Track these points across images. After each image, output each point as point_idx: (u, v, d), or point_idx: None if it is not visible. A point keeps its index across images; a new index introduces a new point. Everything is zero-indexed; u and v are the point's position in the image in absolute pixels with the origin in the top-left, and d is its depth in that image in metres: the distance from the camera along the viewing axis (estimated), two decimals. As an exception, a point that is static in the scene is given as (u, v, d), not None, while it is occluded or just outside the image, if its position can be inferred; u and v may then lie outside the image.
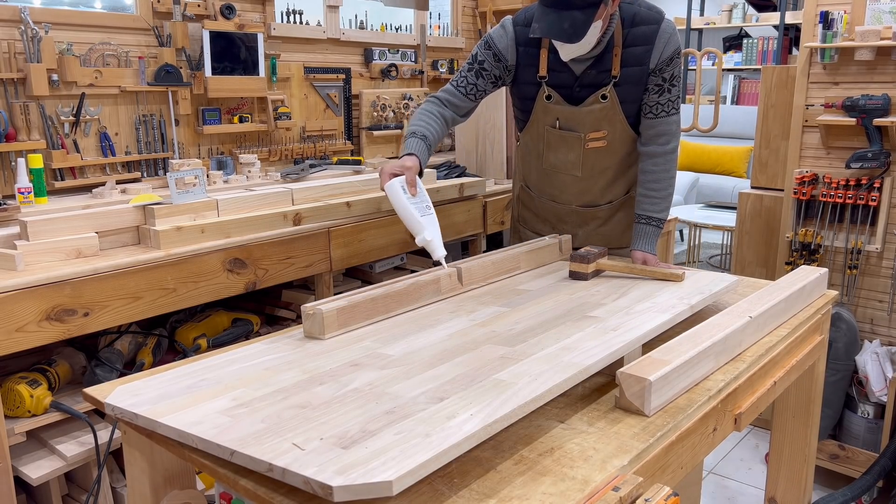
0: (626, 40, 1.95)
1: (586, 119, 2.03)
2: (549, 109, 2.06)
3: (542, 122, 2.09)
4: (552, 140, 2.11)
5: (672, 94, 2.01)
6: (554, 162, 2.14)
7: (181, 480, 1.36)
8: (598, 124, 2.04)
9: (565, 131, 2.07)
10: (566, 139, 2.08)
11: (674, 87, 2.01)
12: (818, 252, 2.85)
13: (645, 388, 1.17)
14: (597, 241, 2.23)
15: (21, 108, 2.29)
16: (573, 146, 2.08)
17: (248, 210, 2.21)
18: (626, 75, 1.97)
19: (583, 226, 2.25)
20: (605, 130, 2.04)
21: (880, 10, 2.65)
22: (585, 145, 2.06)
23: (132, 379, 1.29)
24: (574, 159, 2.10)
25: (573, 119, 2.04)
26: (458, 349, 1.32)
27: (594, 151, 2.08)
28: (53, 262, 1.83)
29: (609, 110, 2.01)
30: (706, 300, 1.63)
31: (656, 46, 1.94)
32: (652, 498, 1.01)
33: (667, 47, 1.95)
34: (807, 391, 1.87)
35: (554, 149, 2.12)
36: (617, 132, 2.05)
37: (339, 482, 0.86)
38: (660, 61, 1.96)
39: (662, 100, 2.01)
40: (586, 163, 2.10)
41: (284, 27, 3.03)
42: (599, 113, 2.02)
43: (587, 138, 2.05)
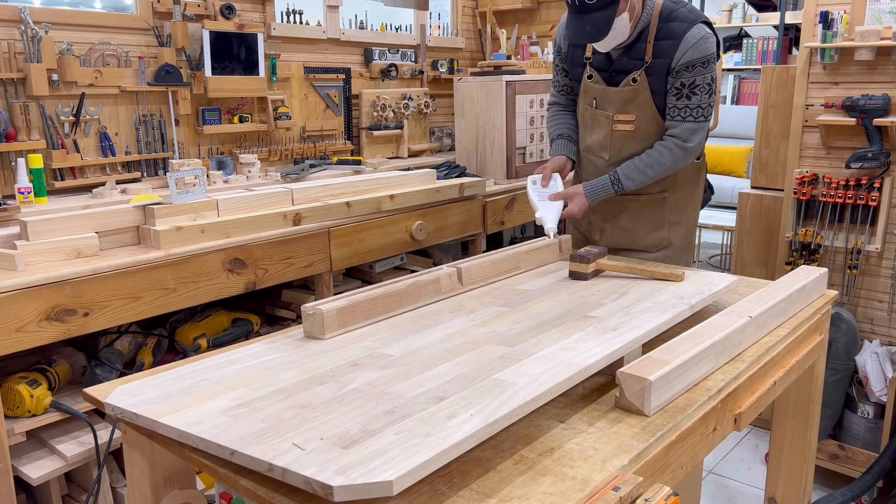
0: (659, 33, 2.03)
1: (616, 99, 2.12)
2: (589, 89, 2.18)
3: (584, 101, 2.22)
4: (588, 120, 2.23)
5: (692, 101, 2.04)
6: (589, 143, 2.25)
7: (181, 480, 1.36)
8: (627, 107, 2.12)
9: (598, 111, 2.18)
10: (598, 119, 2.19)
11: (694, 94, 2.03)
12: (818, 252, 2.85)
13: (645, 388, 1.16)
14: (622, 239, 2.25)
15: (21, 108, 2.29)
16: (603, 126, 2.18)
17: (248, 210, 2.21)
18: (655, 66, 2.05)
19: (610, 219, 2.28)
20: (633, 114, 2.12)
21: (880, 10, 2.65)
22: (613, 126, 2.15)
23: (132, 379, 1.29)
24: (602, 140, 2.19)
25: (605, 99, 2.15)
26: (458, 349, 1.32)
27: (621, 135, 2.15)
28: (53, 262, 1.83)
29: (638, 94, 2.09)
30: (706, 300, 1.63)
31: (681, 46, 2.00)
32: (652, 498, 1.01)
33: (690, 51, 1.99)
34: (806, 391, 1.87)
35: (589, 129, 2.23)
36: (645, 119, 2.11)
37: (340, 482, 0.86)
38: (679, 63, 2.01)
39: (680, 104, 2.05)
40: (613, 145, 2.17)
41: (284, 27, 3.03)
42: (629, 95, 2.10)
43: (615, 119, 2.14)
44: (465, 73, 3.81)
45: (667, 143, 2.09)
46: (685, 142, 2.07)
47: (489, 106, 3.15)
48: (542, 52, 3.65)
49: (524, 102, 3.18)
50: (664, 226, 2.25)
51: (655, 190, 2.21)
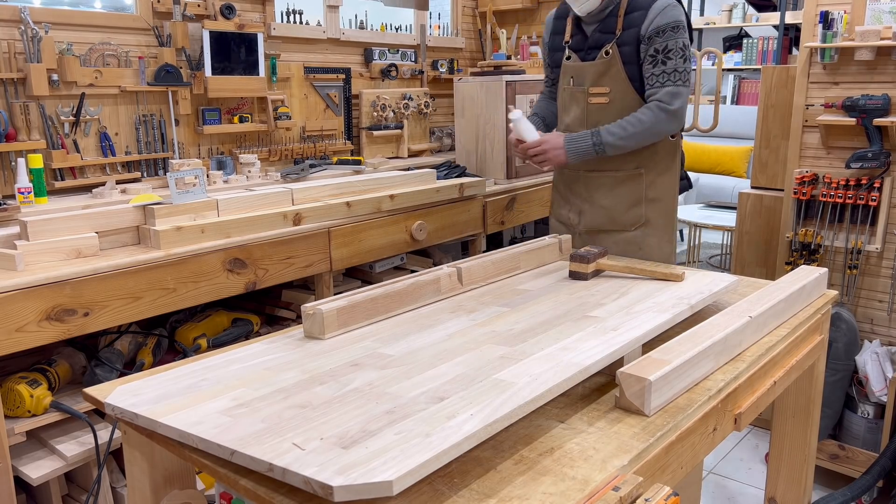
0: (629, 7, 2.13)
1: (590, 72, 2.20)
2: (567, 69, 2.27)
3: (562, 83, 2.31)
4: (566, 100, 2.30)
5: (668, 66, 2.11)
6: (567, 122, 2.31)
7: (181, 480, 1.36)
8: (601, 79, 2.19)
9: (575, 88, 2.25)
10: (574, 95, 2.26)
11: (669, 59, 2.11)
12: (818, 252, 2.85)
13: (645, 388, 1.16)
14: (599, 217, 2.31)
15: (21, 108, 2.29)
16: (579, 101, 2.25)
17: (248, 210, 2.21)
18: (626, 36, 2.14)
19: (588, 199, 2.33)
20: (607, 86, 2.19)
21: (880, 10, 2.65)
22: (588, 100, 2.22)
23: (132, 379, 1.29)
24: (580, 115, 2.25)
25: (580, 74, 2.23)
26: (458, 349, 1.32)
27: (597, 108, 2.21)
28: (53, 262, 1.83)
29: (611, 66, 2.17)
30: (706, 300, 1.63)
31: (649, 14, 2.10)
32: (652, 498, 1.01)
33: (658, 17, 2.09)
34: (807, 391, 1.87)
35: (567, 108, 2.31)
36: (619, 90, 2.18)
37: (340, 482, 0.86)
38: (650, 30, 2.10)
39: (657, 70, 2.13)
40: (589, 119, 2.23)
41: (284, 27, 3.03)
42: (602, 67, 2.18)
43: (590, 92, 2.21)
44: (465, 73, 3.81)
45: (649, 105, 2.14)
46: (667, 104, 2.12)
47: (489, 106, 3.15)
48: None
49: (524, 102, 3.18)
50: (641, 202, 2.28)
51: (631, 166, 2.25)
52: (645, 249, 2.28)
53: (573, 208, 2.39)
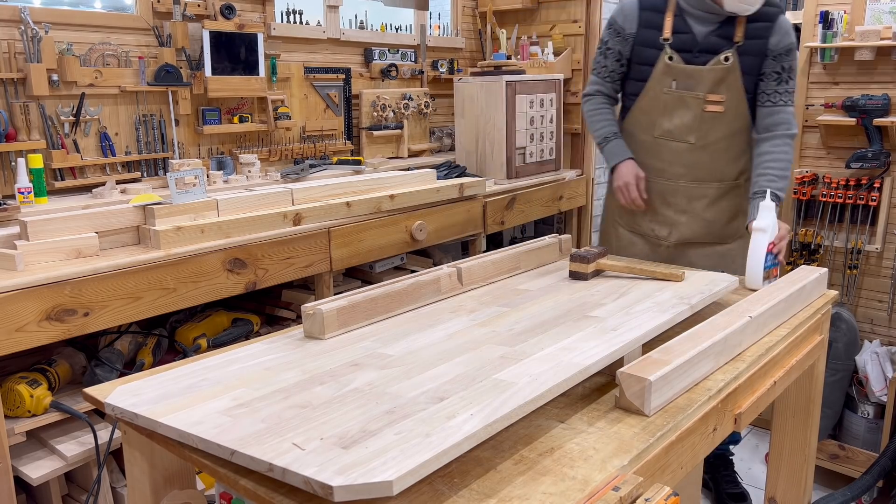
0: (751, 15, 2.06)
1: (707, 78, 2.10)
2: (670, 70, 2.14)
3: (661, 84, 2.17)
4: (669, 103, 2.17)
5: (790, 85, 2.11)
6: (668, 128, 2.19)
7: (181, 480, 1.36)
8: (718, 87, 2.11)
9: (684, 91, 2.14)
10: (685, 100, 2.14)
11: (791, 79, 2.11)
12: (818, 252, 2.85)
13: (645, 388, 1.16)
14: (699, 229, 2.23)
15: (21, 108, 2.29)
16: (691, 107, 2.14)
17: (248, 210, 2.21)
18: (748, 46, 2.08)
19: (687, 210, 2.24)
20: (723, 95, 2.12)
21: (880, 10, 2.65)
22: (704, 107, 2.13)
23: (132, 379, 1.29)
24: (690, 122, 2.15)
25: (693, 79, 2.12)
26: (458, 349, 1.32)
27: (711, 117, 2.13)
28: (53, 262, 1.83)
29: (730, 74, 2.10)
30: (706, 300, 1.63)
31: (777, 29, 2.07)
32: (652, 498, 1.01)
33: (786, 36, 2.08)
34: (807, 391, 1.87)
35: (670, 113, 2.17)
36: (734, 100, 2.12)
37: (340, 482, 0.86)
38: (779, 46, 2.07)
39: (781, 89, 2.10)
40: (702, 128, 2.15)
41: (284, 27, 3.03)
42: (721, 73, 2.10)
43: (706, 99, 2.12)
44: (465, 73, 3.80)
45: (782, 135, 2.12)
46: (792, 128, 2.12)
47: (489, 106, 3.15)
48: (542, 52, 3.65)
49: (524, 102, 3.18)
50: (739, 214, 2.24)
51: (731, 175, 2.20)
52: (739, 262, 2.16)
53: (664, 220, 2.29)
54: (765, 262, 1.85)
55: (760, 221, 1.88)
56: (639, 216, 2.33)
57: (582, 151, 3.72)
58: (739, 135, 2.16)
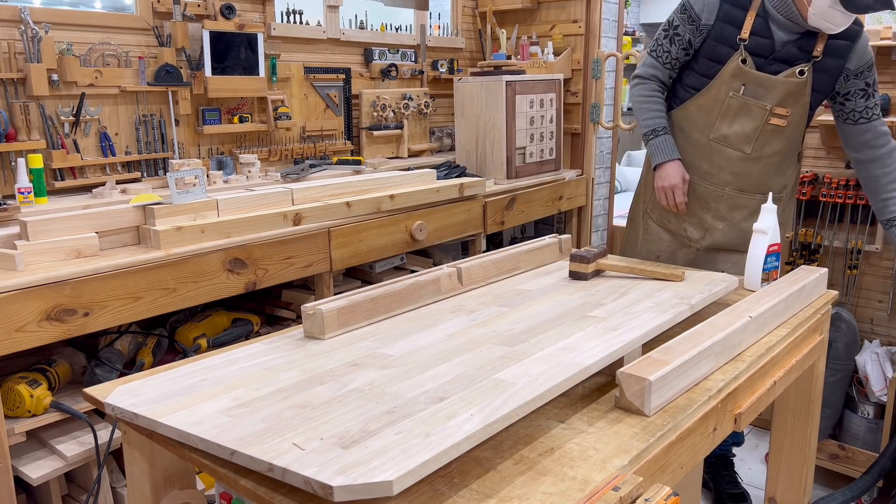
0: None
1: (778, 89, 2.03)
2: (740, 74, 2.04)
3: (728, 86, 2.07)
4: (732, 107, 2.08)
5: (875, 98, 2.09)
6: (726, 133, 2.11)
7: (181, 480, 1.36)
8: (786, 100, 2.05)
9: (751, 99, 2.06)
10: (749, 108, 2.07)
11: (876, 92, 2.09)
12: (818, 252, 2.85)
13: (645, 388, 1.17)
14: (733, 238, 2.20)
15: (21, 108, 2.29)
16: (755, 116, 2.07)
17: (248, 210, 2.21)
18: (824, 63, 2.03)
19: (727, 218, 2.21)
20: (790, 109, 2.06)
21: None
22: (768, 119, 2.06)
23: (132, 379, 1.29)
24: (750, 132, 2.08)
25: (764, 87, 2.04)
26: (458, 349, 1.32)
27: (771, 130, 2.08)
28: (53, 262, 1.83)
29: (801, 89, 2.04)
30: (706, 300, 1.63)
31: (858, 47, 2.02)
32: (652, 498, 1.01)
33: (867, 52, 2.06)
34: (807, 391, 1.87)
35: (731, 118, 2.09)
36: (797, 115, 2.08)
37: (340, 482, 0.86)
38: (861, 64, 2.04)
39: (870, 104, 2.08)
40: (760, 139, 2.09)
41: (284, 27, 3.03)
42: (793, 87, 2.03)
43: (772, 111, 2.05)
44: (465, 73, 3.80)
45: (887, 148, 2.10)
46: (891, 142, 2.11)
47: (489, 106, 3.15)
48: (542, 52, 3.65)
49: (524, 102, 3.18)
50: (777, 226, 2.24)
51: (776, 188, 2.17)
52: None
53: (699, 223, 2.26)
54: (764, 263, 1.85)
55: (761, 223, 1.88)
56: (669, 214, 2.29)
57: (582, 151, 3.72)
58: (793, 150, 2.15)
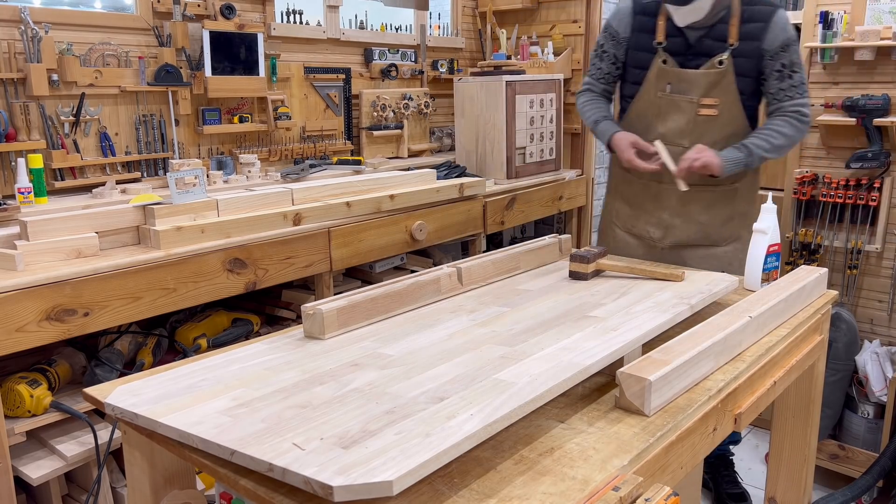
0: (745, 15, 2.05)
1: (700, 82, 2.09)
2: (663, 74, 2.14)
3: (655, 88, 2.16)
4: (663, 106, 2.16)
5: (794, 79, 2.08)
6: (662, 131, 2.18)
7: (181, 480, 1.36)
8: (712, 90, 2.10)
9: (677, 95, 2.13)
10: (678, 104, 2.13)
11: (795, 73, 2.08)
12: (818, 252, 2.85)
13: (645, 388, 1.17)
14: (693, 233, 2.23)
15: (21, 108, 2.29)
16: (685, 111, 2.13)
17: (248, 210, 2.21)
18: (742, 48, 2.06)
19: (682, 213, 2.24)
20: (717, 98, 2.10)
21: (880, 10, 2.65)
22: (697, 111, 2.11)
23: (132, 379, 1.29)
24: (684, 126, 2.14)
25: (687, 82, 2.11)
26: (458, 349, 1.32)
27: (704, 120, 2.12)
28: (53, 262, 1.83)
29: (724, 77, 2.08)
30: (706, 300, 1.63)
31: (772, 27, 2.03)
32: (652, 498, 1.01)
33: (782, 32, 2.05)
34: (807, 391, 1.87)
35: (664, 116, 2.17)
36: (728, 102, 2.10)
37: (340, 482, 0.86)
38: (775, 45, 2.04)
39: (785, 85, 2.08)
40: (696, 131, 2.14)
41: (284, 27, 3.03)
42: (714, 77, 2.08)
43: (699, 103, 2.11)
44: (465, 73, 3.80)
45: (787, 116, 2.09)
46: (804, 116, 2.09)
47: (489, 106, 3.15)
48: (542, 52, 3.65)
49: (524, 102, 3.18)
50: (735, 217, 2.24)
51: (728, 180, 2.19)
52: (735, 265, 2.20)
53: (658, 223, 2.29)
54: (764, 263, 1.85)
55: (761, 223, 1.88)
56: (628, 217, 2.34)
57: (582, 151, 3.72)
58: (734, 138, 2.15)
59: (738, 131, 2.15)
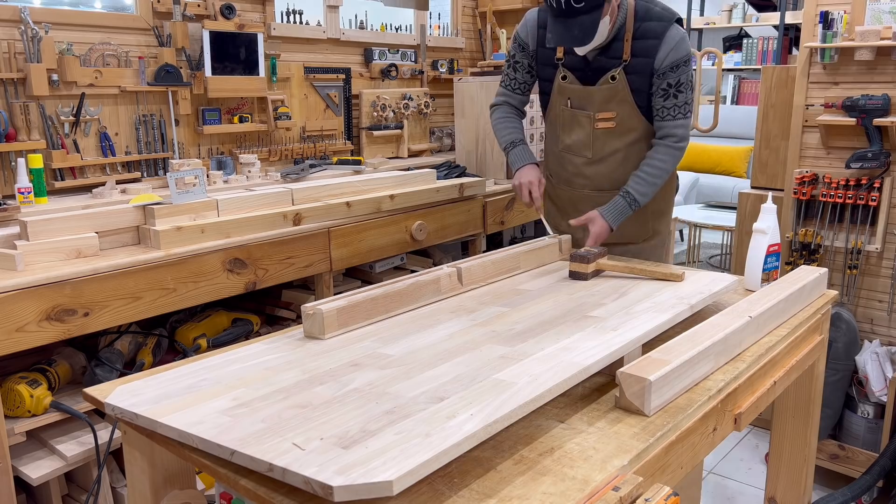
0: (637, 32, 2.04)
1: (596, 98, 2.12)
2: (564, 89, 2.16)
3: (559, 102, 2.19)
4: (566, 120, 2.20)
5: (679, 99, 2.07)
6: (568, 143, 2.22)
7: (181, 480, 1.36)
8: (607, 104, 2.11)
9: (577, 110, 2.16)
10: (578, 118, 2.17)
11: (680, 93, 2.06)
12: (818, 252, 2.85)
13: (645, 388, 1.16)
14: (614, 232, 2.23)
15: (21, 108, 2.29)
16: (584, 125, 2.17)
17: (248, 210, 2.21)
18: (635, 64, 2.05)
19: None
20: (614, 111, 2.12)
21: (880, 10, 2.65)
22: (595, 125, 2.14)
23: (132, 379, 1.29)
24: (585, 139, 2.18)
25: (584, 98, 2.13)
26: (458, 349, 1.32)
27: (604, 133, 2.15)
28: (53, 262, 1.83)
29: (618, 92, 2.09)
30: (706, 300, 1.63)
31: (664, 45, 2.02)
32: (652, 498, 1.01)
33: (673, 51, 2.02)
34: (807, 391, 1.87)
35: (568, 129, 2.21)
36: (625, 114, 2.12)
37: (340, 482, 0.86)
38: (664, 64, 2.03)
39: (668, 104, 2.08)
40: (596, 143, 2.17)
41: (284, 27, 3.03)
42: (608, 93, 2.10)
43: (596, 118, 2.13)
44: (465, 73, 3.80)
45: (665, 145, 2.10)
46: (680, 141, 2.10)
47: (489, 106, 3.15)
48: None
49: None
50: (649, 217, 2.27)
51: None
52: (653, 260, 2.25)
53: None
54: (764, 263, 1.85)
55: (760, 223, 1.88)
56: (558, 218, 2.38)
57: (582, 151, 3.71)
58: (636, 144, 2.17)
59: (639, 138, 2.16)
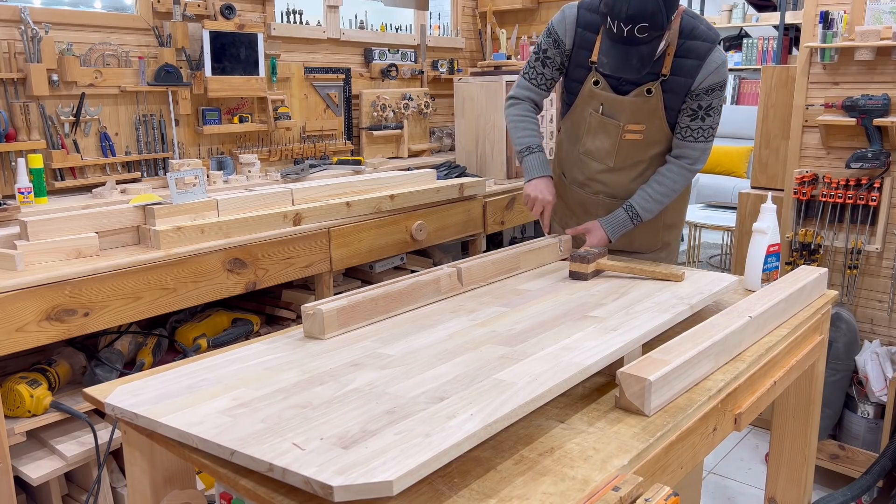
0: (680, 49, 1.98)
1: (628, 109, 2.07)
2: (595, 94, 2.10)
3: (587, 105, 2.13)
4: (592, 125, 2.15)
5: (706, 122, 2.04)
6: (590, 148, 2.18)
7: (181, 480, 1.36)
8: (638, 117, 2.07)
9: (606, 118, 2.11)
10: (605, 126, 2.12)
11: (709, 116, 2.03)
12: (818, 252, 2.85)
13: (645, 388, 1.16)
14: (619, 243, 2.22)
15: (21, 108, 2.29)
16: (611, 134, 2.12)
17: (248, 210, 2.21)
18: (673, 82, 2.00)
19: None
20: (643, 125, 2.07)
21: (880, 10, 2.65)
22: (622, 135, 2.10)
23: (132, 379, 1.29)
24: (609, 148, 2.14)
25: (616, 107, 2.08)
26: (458, 349, 1.32)
27: (629, 143, 2.11)
28: (53, 262, 1.83)
29: (652, 106, 2.05)
30: (706, 300, 1.63)
31: (704, 67, 1.97)
32: (652, 498, 1.01)
33: (712, 75, 1.98)
34: (807, 391, 1.87)
35: (592, 134, 2.16)
36: (654, 129, 2.08)
37: (340, 482, 0.86)
38: (701, 86, 1.99)
39: (694, 125, 2.04)
40: (620, 153, 2.13)
41: (284, 27, 3.03)
42: (642, 105, 2.05)
43: (625, 129, 2.09)
44: (465, 73, 3.80)
45: (679, 165, 2.08)
46: (695, 164, 2.08)
47: (489, 106, 3.15)
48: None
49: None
50: (660, 228, 2.25)
51: None
52: None
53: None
54: (764, 263, 1.85)
55: (761, 223, 1.88)
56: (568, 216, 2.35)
57: (582, 151, 3.71)
58: (658, 157, 2.15)
59: (664, 150, 2.14)
